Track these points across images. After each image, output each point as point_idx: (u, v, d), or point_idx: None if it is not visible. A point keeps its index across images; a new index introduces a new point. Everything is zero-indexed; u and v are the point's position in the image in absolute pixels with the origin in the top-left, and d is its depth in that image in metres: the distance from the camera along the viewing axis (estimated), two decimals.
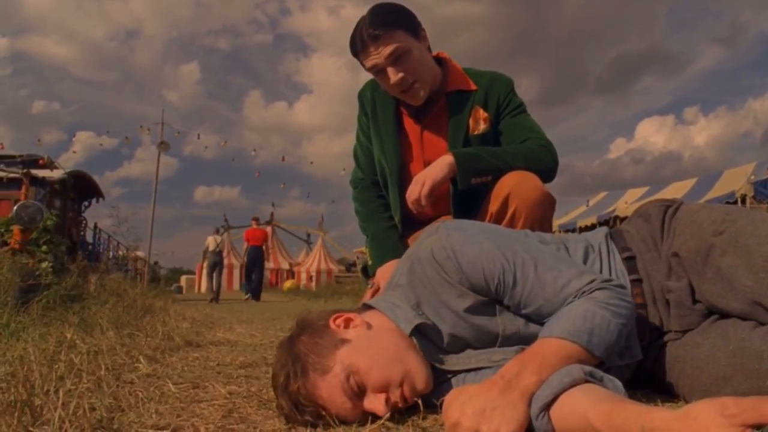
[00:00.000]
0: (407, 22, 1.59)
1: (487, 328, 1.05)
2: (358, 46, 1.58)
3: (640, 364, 1.09)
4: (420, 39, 1.62)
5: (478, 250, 1.02)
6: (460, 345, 1.08)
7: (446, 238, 1.05)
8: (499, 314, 1.05)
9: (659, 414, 0.71)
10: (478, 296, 1.03)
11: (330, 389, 0.93)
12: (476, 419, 0.80)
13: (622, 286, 1.00)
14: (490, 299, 1.04)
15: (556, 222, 14.30)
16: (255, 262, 11.24)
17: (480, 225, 1.14)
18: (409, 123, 1.75)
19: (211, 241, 11.37)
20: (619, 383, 0.87)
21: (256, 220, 12.65)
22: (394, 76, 1.57)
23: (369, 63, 1.58)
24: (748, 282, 0.96)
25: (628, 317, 0.97)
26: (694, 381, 1.00)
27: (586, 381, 0.84)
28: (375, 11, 1.57)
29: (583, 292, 0.96)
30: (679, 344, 1.07)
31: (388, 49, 1.54)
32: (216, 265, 10.87)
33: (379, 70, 1.59)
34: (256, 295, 10.99)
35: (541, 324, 1.02)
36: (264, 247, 11.45)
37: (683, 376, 1.03)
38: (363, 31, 1.55)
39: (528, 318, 1.04)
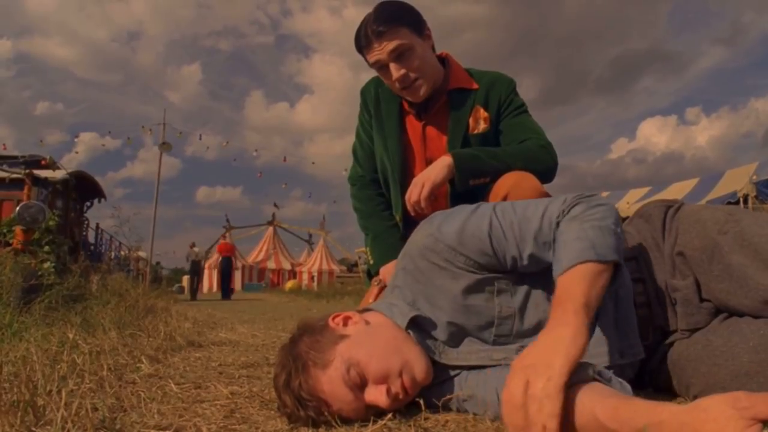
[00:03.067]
0: (412, 20, 1.60)
1: (483, 309, 1.06)
2: (363, 41, 1.61)
3: (643, 364, 1.09)
4: (424, 37, 1.63)
5: (460, 222, 1.06)
6: (458, 335, 1.08)
7: (430, 225, 1.09)
8: (497, 295, 1.06)
9: (668, 407, 0.70)
10: (474, 275, 1.04)
11: (331, 382, 0.94)
12: (528, 356, 0.82)
13: (593, 194, 1.03)
14: (488, 276, 1.05)
15: None
16: (227, 269, 14.14)
17: (457, 206, 1.16)
18: (411, 121, 1.76)
19: (192, 252, 14.44)
20: (627, 386, 0.88)
21: (225, 236, 16.45)
22: (396, 72, 1.59)
23: (372, 59, 1.61)
24: (762, 280, 0.95)
25: (613, 216, 0.98)
26: (711, 378, 0.98)
27: (594, 380, 0.84)
28: (380, 8, 1.59)
29: (563, 211, 0.99)
30: (688, 343, 1.06)
31: (391, 45, 1.56)
32: (196, 272, 13.84)
33: (381, 66, 1.61)
34: (227, 295, 13.68)
35: (541, 297, 1.05)
36: (232, 257, 14.43)
37: (697, 374, 1.01)
38: (368, 27, 1.58)
39: (529, 286, 1.06)
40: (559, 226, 0.98)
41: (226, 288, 13.92)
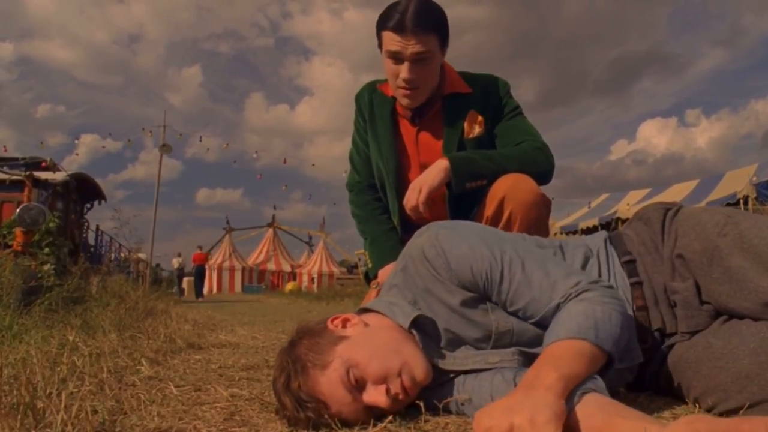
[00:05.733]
0: (444, 32, 1.58)
1: (480, 322, 1.06)
2: (394, 24, 1.51)
3: (643, 367, 1.09)
4: (443, 53, 1.62)
5: (467, 248, 1.05)
6: (455, 342, 1.08)
7: (435, 237, 1.08)
8: (492, 311, 1.06)
9: (649, 429, 0.71)
10: (468, 293, 1.05)
11: (330, 383, 0.94)
12: (507, 415, 0.77)
13: (611, 287, 1.01)
14: (480, 296, 1.06)
15: (558, 223, 14.30)
16: (199, 275, 17.14)
17: (471, 224, 1.17)
18: (405, 125, 1.75)
19: (175, 262, 17.65)
20: (600, 381, 0.87)
21: (200, 247, 19.35)
22: (406, 72, 1.55)
23: (393, 46, 1.53)
24: (762, 282, 0.95)
25: (623, 307, 0.97)
26: (711, 381, 0.98)
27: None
28: (425, 4, 1.52)
29: (570, 295, 0.97)
30: (688, 345, 1.05)
31: (417, 47, 1.51)
32: (181, 276, 17.26)
33: (397, 58, 1.55)
34: (200, 296, 16.13)
35: (533, 323, 1.03)
36: (206, 266, 17.47)
37: (698, 377, 1.01)
38: (405, 15, 1.49)
39: (517, 316, 1.05)
40: (559, 309, 0.97)
41: (198, 289, 16.77)
